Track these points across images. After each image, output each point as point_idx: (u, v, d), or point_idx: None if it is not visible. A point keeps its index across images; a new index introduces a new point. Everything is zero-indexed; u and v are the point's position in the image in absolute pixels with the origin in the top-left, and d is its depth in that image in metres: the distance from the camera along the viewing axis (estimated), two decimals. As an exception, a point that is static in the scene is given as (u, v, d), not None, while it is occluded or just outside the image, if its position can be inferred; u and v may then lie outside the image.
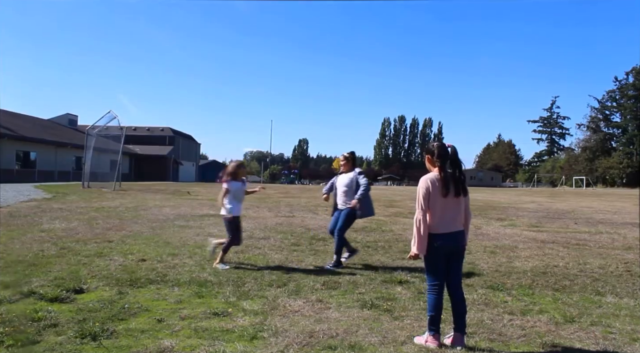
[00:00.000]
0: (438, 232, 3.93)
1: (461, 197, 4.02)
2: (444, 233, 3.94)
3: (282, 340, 3.94)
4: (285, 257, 7.76)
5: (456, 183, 3.99)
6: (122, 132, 32.80)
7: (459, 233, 4.02)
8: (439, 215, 3.94)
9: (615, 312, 5.06)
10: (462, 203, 4.05)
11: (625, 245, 10.05)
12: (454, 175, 4.00)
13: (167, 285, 5.70)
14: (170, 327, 4.20)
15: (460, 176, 4.02)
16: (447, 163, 4.01)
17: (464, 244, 4.10)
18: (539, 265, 7.56)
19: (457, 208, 4.02)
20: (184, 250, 8.04)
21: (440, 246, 3.93)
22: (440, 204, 3.94)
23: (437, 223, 3.94)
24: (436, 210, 3.94)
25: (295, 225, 12.20)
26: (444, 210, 3.95)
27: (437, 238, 3.93)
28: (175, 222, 12.31)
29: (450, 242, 3.96)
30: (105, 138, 34.36)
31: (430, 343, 3.92)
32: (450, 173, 4.00)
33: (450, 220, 3.98)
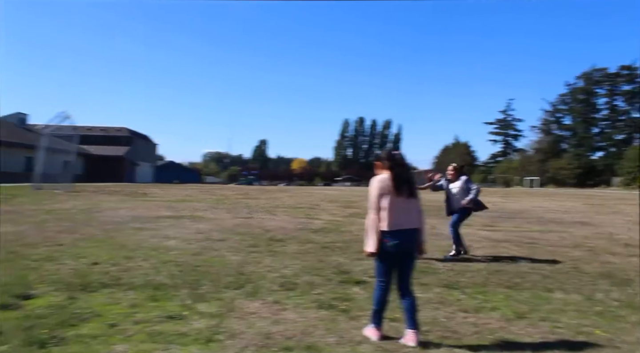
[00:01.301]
0: (388, 229, 4.08)
1: (411, 198, 4.20)
2: (394, 231, 4.08)
3: (239, 342, 3.92)
4: (242, 258, 7.71)
5: (407, 185, 4.18)
6: (76, 132, 31.92)
7: (410, 231, 4.15)
8: (390, 214, 4.10)
9: (563, 307, 5.24)
10: (413, 204, 4.22)
11: (573, 243, 10.43)
12: (403, 177, 4.19)
13: (121, 288, 5.58)
14: (123, 332, 4.12)
15: (409, 178, 4.22)
16: (399, 167, 4.22)
17: (415, 243, 4.22)
18: (492, 264, 7.75)
19: (407, 208, 4.17)
20: (139, 253, 7.89)
21: (390, 244, 4.09)
22: (391, 204, 4.11)
23: (388, 222, 4.09)
24: (387, 209, 4.11)
25: (254, 227, 12.13)
26: (395, 209, 4.11)
27: (388, 236, 4.09)
28: (131, 224, 12.06)
29: (400, 239, 4.09)
30: (58, 138, 33.35)
31: (371, 334, 4.14)
32: (400, 174, 4.19)
33: (401, 219, 4.12)
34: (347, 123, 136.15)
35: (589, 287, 6.24)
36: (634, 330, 4.48)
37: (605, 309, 5.20)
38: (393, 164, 4.24)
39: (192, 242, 9.29)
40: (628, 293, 5.93)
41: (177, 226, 11.86)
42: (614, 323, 4.70)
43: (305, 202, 24.14)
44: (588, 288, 6.16)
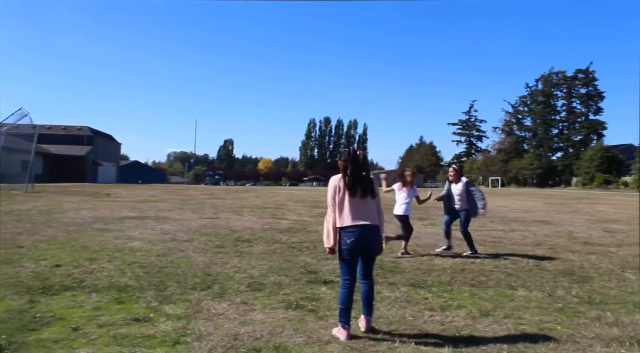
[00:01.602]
0: (344, 226, 4.23)
1: (367, 196, 4.32)
2: (350, 227, 4.21)
3: (206, 344, 3.88)
4: (209, 259, 7.63)
5: (362, 184, 4.29)
6: (35, 131, 30.98)
7: (366, 228, 4.23)
8: (345, 212, 4.25)
9: (525, 304, 5.37)
10: (369, 202, 4.33)
11: (535, 241, 10.70)
12: (356, 176, 4.30)
13: (84, 291, 5.45)
14: (87, 336, 4.02)
15: (367, 178, 4.34)
16: (353, 166, 4.32)
17: (375, 237, 4.32)
18: (457, 262, 7.89)
19: (363, 206, 4.29)
20: (103, 255, 7.72)
21: (347, 240, 4.22)
22: (346, 202, 4.27)
23: (344, 219, 4.24)
24: (343, 207, 4.27)
25: (220, 227, 12.03)
26: (350, 207, 4.25)
27: (344, 233, 4.24)
28: (94, 225, 11.79)
29: (356, 236, 4.20)
30: (16, 137, 32.32)
31: (339, 334, 4.15)
32: (356, 174, 4.30)
33: (356, 216, 4.24)
34: (313, 123, 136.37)
35: (551, 284, 6.41)
36: (592, 325, 4.62)
37: (566, 306, 5.34)
38: (348, 163, 4.34)
39: (158, 243, 9.15)
40: (587, 289, 6.11)
41: (141, 227, 11.65)
42: (574, 319, 4.84)
43: (271, 202, 24.07)
44: (549, 285, 6.33)
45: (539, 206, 25.15)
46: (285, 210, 18.69)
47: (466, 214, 9.02)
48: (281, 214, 16.51)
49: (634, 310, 5.19)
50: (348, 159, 4.35)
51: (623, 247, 10.12)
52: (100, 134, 76.13)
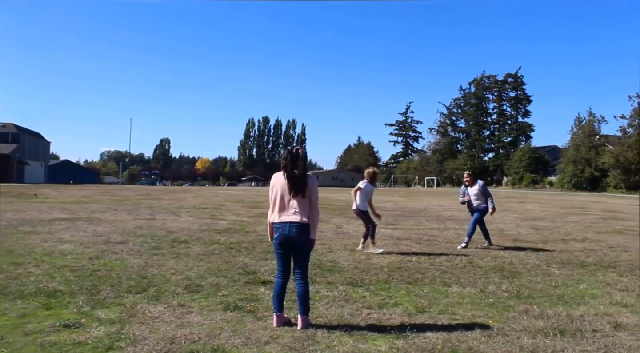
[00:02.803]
0: (274, 222, 4.52)
1: (299, 195, 4.47)
2: (277, 223, 4.49)
3: (141, 349, 3.77)
4: (145, 261, 7.42)
5: (295, 182, 4.45)
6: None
7: (292, 225, 4.44)
8: (276, 208, 4.52)
9: (459, 300, 5.56)
10: (300, 199, 4.48)
11: (468, 239, 11.07)
12: (294, 175, 4.45)
13: (8, 298, 5.17)
14: (11, 345, 3.81)
15: (302, 177, 4.46)
16: (290, 165, 4.47)
17: (300, 235, 4.45)
18: (394, 261, 8.05)
19: (293, 203, 4.48)
20: (30, 259, 7.35)
21: (276, 235, 4.51)
22: (278, 198, 4.51)
23: (274, 215, 4.52)
24: (275, 203, 4.53)
25: (156, 228, 11.72)
26: (280, 203, 4.50)
27: (275, 227, 4.52)
28: (20, 227, 11.21)
29: (282, 231, 4.45)
30: None
31: (273, 321, 4.48)
32: (293, 173, 4.45)
33: (285, 212, 4.48)
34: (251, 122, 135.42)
35: (482, 280, 6.67)
36: (520, 318, 4.85)
37: (497, 300, 5.58)
38: (287, 161, 4.49)
39: (90, 245, 8.81)
40: (516, 284, 6.41)
41: (72, 229, 11.18)
42: (504, 313, 5.06)
43: (210, 202, 23.69)
44: (481, 281, 6.58)
45: (472, 205, 26.04)
46: (223, 210, 18.45)
47: (484, 210, 9.88)
48: (219, 215, 16.28)
49: (558, 303, 5.50)
50: (287, 157, 4.49)
51: (548, 243, 10.68)
52: (27, 131, 72.36)
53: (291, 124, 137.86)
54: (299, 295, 4.50)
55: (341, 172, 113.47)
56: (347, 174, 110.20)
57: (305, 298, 4.49)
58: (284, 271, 4.59)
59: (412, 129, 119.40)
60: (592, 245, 10.55)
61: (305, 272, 4.59)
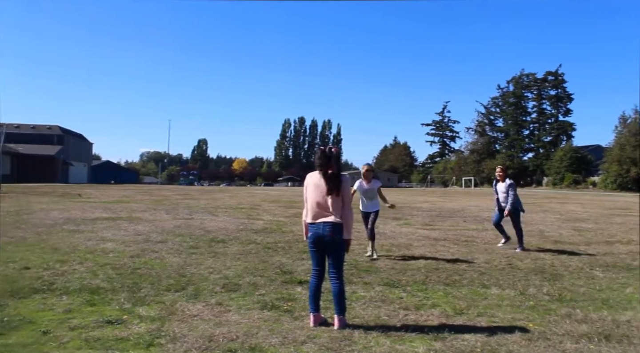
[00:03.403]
0: (309, 222, 4.56)
1: (333, 194, 4.47)
2: (312, 223, 4.52)
3: (181, 346, 3.84)
4: (183, 260, 7.55)
5: (330, 181, 4.46)
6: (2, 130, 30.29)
7: (326, 224, 4.46)
8: (310, 208, 4.54)
9: (498, 302, 5.45)
10: (335, 199, 4.48)
11: (507, 240, 10.85)
12: (328, 175, 4.47)
13: (55, 294, 5.34)
14: (58, 339, 3.94)
15: (336, 176, 4.48)
16: (324, 164, 4.50)
17: (334, 235, 4.47)
18: (431, 262, 7.95)
19: (327, 203, 4.48)
20: (74, 256, 7.58)
21: (310, 234, 4.56)
22: (313, 198, 4.53)
23: (309, 215, 4.55)
24: (309, 203, 4.56)
25: (195, 228, 11.92)
26: (315, 203, 4.51)
27: (310, 227, 4.56)
28: (64, 226, 11.57)
29: (316, 230, 4.49)
30: (-18, 136, 31.53)
31: (310, 321, 4.48)
32: (327, 173, 4.48)
33: (318, 212, 4.49)
34: (288, 123, 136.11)
35: (522, 282, 6.52)
36: (563, 322, 4.72)
37: (537, 303, 5.45)
38: (320, 160, 4.52)
39: (131, 244, 9.02)
40: (558, 287, 6.24)
41: (114, 228, 11.48)
42: (545, 316, 4.94)
43: (246, 202, 23.94)
44: (521, 283, 6.44)
45: (511, 206, 25.51)
46: (260, 210, 18.61)
47: (515, 213, 9.55)
48: (256, 215, 16.43)
49: (602, 307, 5.32)
50: (321, 157, 4.52)
51: (592, 245, 10.36)
52: (71, 133, 74.69)
53: (327, 124, 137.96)
54: (334, 295, 4.51)
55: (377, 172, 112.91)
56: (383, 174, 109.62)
57: (341, 298, 4.49)
58: (319, 271, 4.61)
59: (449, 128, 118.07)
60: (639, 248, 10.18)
61: (340, 271, 4.59)
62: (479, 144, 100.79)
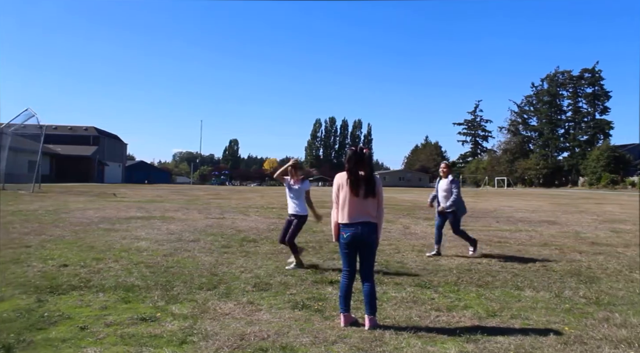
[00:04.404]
0: (342, 222, 4.51)
1: (369, 195, 4.48)
2: (348, 224, 4.47)
3: (213, 344, 3.88)
4: (215, 259, 7.64)
5: (364, 182, 4.46)
6: (42, 131, 31.10)
7: (362, 225, 4.45)
8: (344, 208, 4.49)
9: (532, 305, 5.35)
10: (370, 200, 4.49)
11: (542, 242, 10.65)
12: (362, 176, 4.46)
13: (91, 291, 5.47)
14: (94, 335, 4.04)
15: (369, 177, 4.48)
16: (355, 165, 4.48)
17: (369, 235, 4.48)
18: (464, 263, 7.86)
19: (363, 204, 4.47)
20: (110, 255, 7.75)
21: (345, 235, 4.49)
22: (346, 199, 4.48)
23: (343, 215, 4.50)
24: (342, 204, 4.52)
25: (226, 227, 12.05)
26: (349, 204, 4.47)
27: (343, 228, 4.51)
28: (100, 225, 11.84)
29: (353, 231, 4.44)
30: (23, 137, 32.47)
31: (340, 321, 4.47)
32: (359, 174, 4.46)
33: (354, 213, 4.46)
34: (318, 123, 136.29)
35: (558, 284, 6.38)
36: (600, 326, 4.59)
37: (573, 306, 5.32)
38: (352, 161, 4.49)
39: (164, 242, 9.17)
40: (595, 290, 6.08)
41: (148, 227, 11.69)
42: (581, 320, 4.82)
43: (277, 202, 24.06)
44: (556, 286, 6.30)
45: (546, 206, 25.05)
46: (290, 210, 18.68)
47: (454, 216, 8.72)
48: (287, 214, 16.48)
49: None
50: (352, 157, 4.50)
51: (630, 247, 10.07)
52: (106, 134, 76.37)
53: (357, 124, 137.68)
54: (366, 295, 4.49)
55: (408, 172, 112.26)
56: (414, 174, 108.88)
57: (372, 298, 4.47)
58: (350, 271, 4.59)
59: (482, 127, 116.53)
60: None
61: (372, 271, 4.59)
62: (512, 144, 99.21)
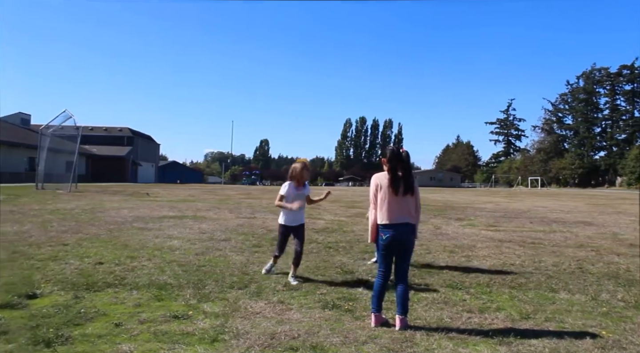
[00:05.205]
0: (383, 223, 4.46)
1: (408, 196, 4.49)
2: (388, 225, 4.44)
3: (244, 342, 3.91)
4: (246, 258, 7.70)
5: (404, 183, 4.46)
6: (78, 132, 31.90)
7: (403, 226, 4.46)
8: (385, 209, 4.46)
9: (567, 307, 5.22)
10: (409, 200, 4.49)
11: (577, 243, 10.40)
12: (400, 175, 4.47)
13: (126, 288, 5.58)
14: (129, 331, 4.12)
15: (408, 177, 4.50)
16: (396, 165, 4.50)
17: (409, 236, 4.49)
18: (496, 264, 7.74)
19: (402, 204, 4.48)
20: (143, 253, 7.89)
21: (385, 236, 4.46)
22: (387, 200, 4.46)
23: (382, 216, 4.46)
24: (383, 204, 4.48)
25: (257, 227, 12.13)
26: (390, 205, 4.45)
27: (382, 229, 4.47)
28: (134, 224, 12.06)
29: (394, 232, 4.43)
30: (61, 138, 33.34)
31: (371, 321, 4.46)
32: (398, 174, 4.48)
33: (395, 214, 4.44)
34: (349, 123, 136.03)
35: (594, 287, 6.22)
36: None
37: (611, 310, 5.18)
38: (391, 161, 4.50)
39: (196, 242, 9.29)
40: (634, 293, 5.90)
41: (180, 226, 11.86)
42: (620, 324, 4.68)
43: (307, 202, 24.11)
44: (593, 288, 6.14)
45: (581, 207, 24.46)
46: (321, 210, 18.70)
47: None
48: (317, 214, 16.51)
49: (684, 316, 4.99)
50: (392, 157, 4.49)
51: (671, 249, 9.74)
52: (140, 134, 77.78)
53: (388, 124, 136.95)
54: (399, 295, 4.46)
55: (439, 172, 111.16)
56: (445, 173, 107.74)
57: (405, 298, 4.46)
58: (386, 272, 4.58)
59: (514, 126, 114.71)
60: None
61: (407, 272, 4.60)
62: (546, 143, 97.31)
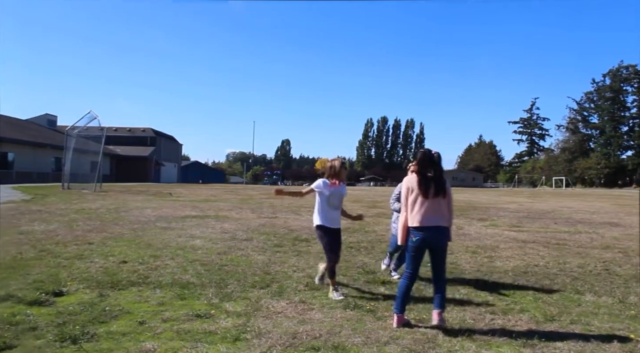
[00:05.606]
0: (414, 226, 4.45)
1: (440, 197, 4.48)
2: (418, 227, 4.43)
3: (265, 342, 3.93)
4: (268, 258, 7.73)
5: (435, 185, 4.45)
6: (103, 133, 32.39)
7: (434, 228, 4.44)
8: (416, 212, 4.45)
9: (594, 310, 5.13)
10: (441, 202, 4.47)
11: (604, 244, 10.21)
12: (431, 178, 4.47)
13: (149, 287, 5.65)
14: (152, 330, 4.16)
15: (439, 179, 4.49)
16: (427, 168, 4.49)
17: (442, 238, 4.48)
18: (520, 265, 7.64)
19: (434, 207, 4.46)
20: (166, 252, 7.97)
21: (415, 238, 4.46)
22: (418, 202, 4.45)
23: (413, 219, 4.46)
24: (414, 207, 4.48)
25: (278, 227, 12.17)
26: (421, 207, 4.44)
27: (413, 231, 4.47)
28: (157, 223, 12.20)
29: (427, 234, 4.42)
30: (86, 139, 33.91)
31: (393, 322, 4.43)
32: (428, 176, 4.48)
33: (426, 216, 4.43)
34: (370, 122, 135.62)
35: (622, 289, 6.10)
36: (669, 334, 4.36)
37: (639, 313, 5.07)
38: (424, 165, 4.49)
39: (218, 241, 9.36)
40: (662, 296, 5.77)
41: (202, 225, 11.96)
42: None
43: (328, 202, 24.11)
44: (620, 291, 6.02)
45: (607, 207, 24.00)
46: (342, 210, 18.69)
47: None
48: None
49: None
50: (423, 159, 4.49)
51: (702, 251, 9.50)
52: (163, 135, 78.58)
53: (410, 124, 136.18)
54: (440, 291, 4.45)
55: (462, 171, 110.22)
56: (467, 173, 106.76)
57: (444, 294, 4.48)
58: (413, 273, 4.57)
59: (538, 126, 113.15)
60: None
61: (445, 273, 4.60)
62: (570, 142, 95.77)
